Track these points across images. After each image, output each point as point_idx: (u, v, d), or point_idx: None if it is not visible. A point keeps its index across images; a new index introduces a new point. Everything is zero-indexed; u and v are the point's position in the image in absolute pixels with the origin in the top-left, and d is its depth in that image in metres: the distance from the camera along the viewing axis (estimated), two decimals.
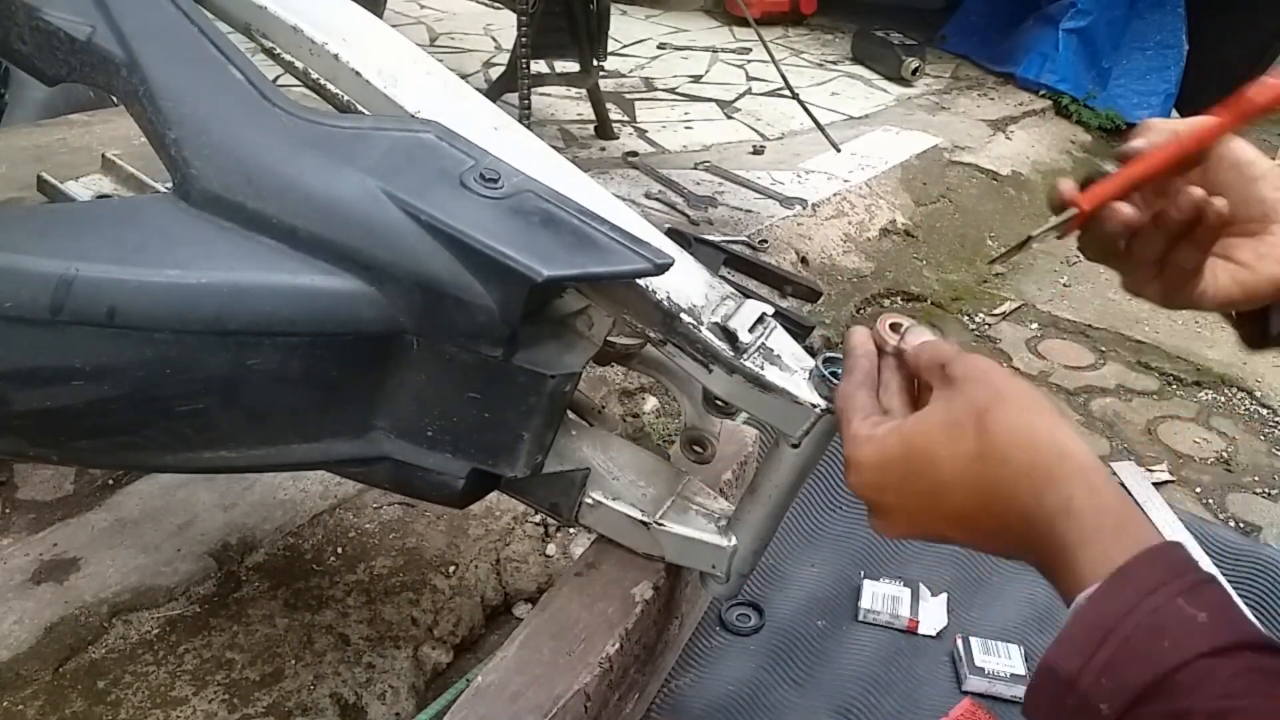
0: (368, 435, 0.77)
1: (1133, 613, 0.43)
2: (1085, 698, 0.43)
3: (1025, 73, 4.12)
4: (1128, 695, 0.42)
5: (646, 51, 4.28)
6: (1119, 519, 0.48)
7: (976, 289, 2.62)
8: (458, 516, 1.34)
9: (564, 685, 0.78)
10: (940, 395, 0.56)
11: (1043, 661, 0.46)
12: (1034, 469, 0.50)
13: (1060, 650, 0.45)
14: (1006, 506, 0.51)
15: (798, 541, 1.28)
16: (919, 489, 0.55)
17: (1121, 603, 0.44)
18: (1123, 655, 0.43)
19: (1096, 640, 0.43)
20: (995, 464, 0.52)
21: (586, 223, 0.72)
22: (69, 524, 1.24)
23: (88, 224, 0.72)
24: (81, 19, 0.79)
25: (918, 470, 0.55)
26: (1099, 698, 0.42)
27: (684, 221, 2.43)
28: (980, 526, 0.54)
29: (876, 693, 1.05)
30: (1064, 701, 0.44)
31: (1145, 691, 0.41)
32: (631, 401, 1.72)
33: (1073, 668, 0.44)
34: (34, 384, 0.68)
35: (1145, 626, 0.43)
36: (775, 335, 0.79)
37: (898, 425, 0.57)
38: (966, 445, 0.53)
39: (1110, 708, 0.42)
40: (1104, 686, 0.42)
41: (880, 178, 2.93)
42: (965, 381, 0.55)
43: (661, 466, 0.91)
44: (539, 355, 0.74)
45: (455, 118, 0.80)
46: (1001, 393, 0.53)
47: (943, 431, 0.54)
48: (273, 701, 1.04)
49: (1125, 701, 0.42)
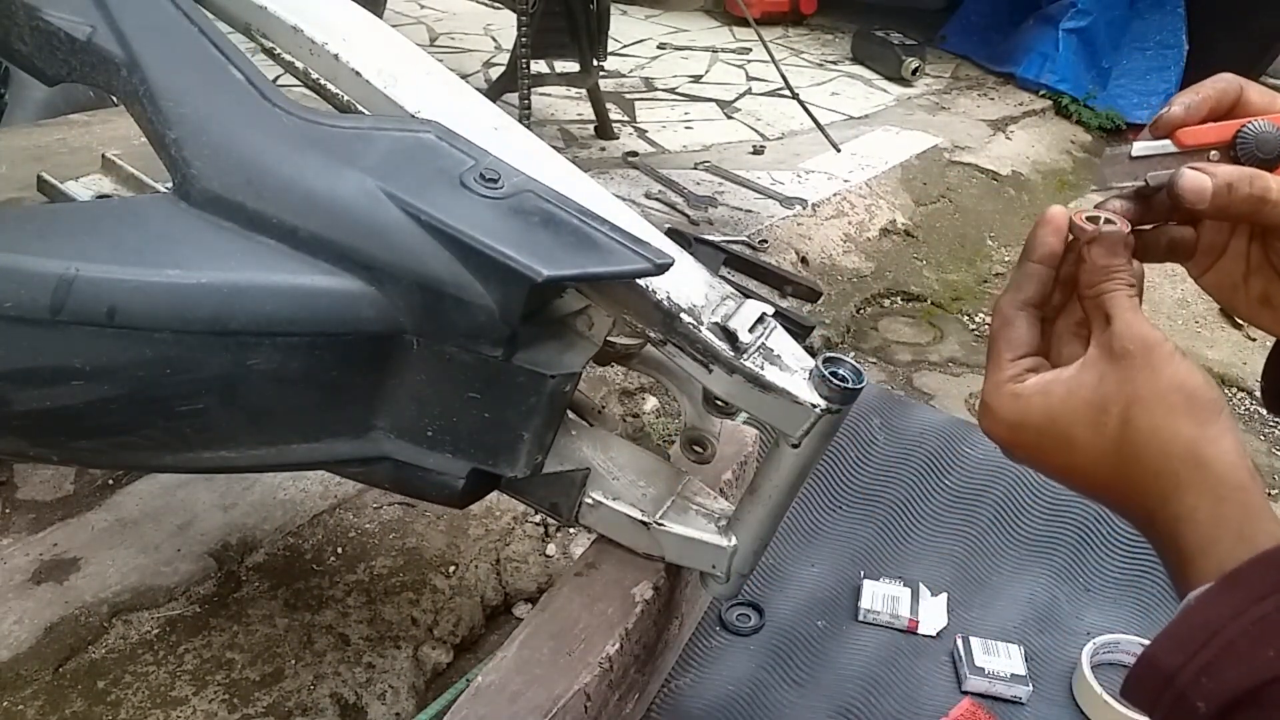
0: (368, 435, 0.77)
1: (1239, 617, 0.43)
2: (1183, 694, 0.43)
3: (1025, 73, 4.12)
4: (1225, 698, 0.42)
5: (646, 51, 4.28)
6: (1240, 532, 0.48)
7: (977, 289, 2.62)
8: (458, 516, 1.34)
9: (564, 685, 0.78)
10: (1096, 362, 0.54)
11: (1145, 652, 0.46)
12: (1164, 474, 0.50)
13: (1163, 644, 0.45)
14: (1133, 502, 0.52)
15: (798, 541, 1.28)
16: (1051, 462, 0.55)
17: (1229, 606, 0.44)
18: (1224, 658, 0.42)
19: (1200, 640, 0.43)
20: (1128, 460, 0.51)
21: (586, 223, 0.72)
22: (69, 524, 1.24)
23: (88, 224, 0.72)
24: (81, 19, 0.79)
25: (1053, 445, 0.54)
26: (1197, 696, 0.42)
27: (684, 221, 2.43)
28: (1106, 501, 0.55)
29: (876, 693, 1.05)
30: (1161, 695, 0.44)
31: (1242, 697, 0.41)
32: (631, 401, 1.72)
33: (1174, 663, 0.44)
34: (34, 384, 0.68)
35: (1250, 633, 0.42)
36: (775, 335, 0.79)
37: (1045, 387, 0.55)
38: (1107, 434, 0.52)
39: (1207, 708, 0.42)
40: (1203, 686, 0.42)
41: (880, 178, 2.93)
42: (1124, 356, 0.52)
43: (661, 466, 0.91)
44: (539, 355, 0.74)
45: (455, 118, 0.80)
46: (1158, 382, 0.51)
47: (1088, 412, 0.53)
48: (273, 701, 1.04)
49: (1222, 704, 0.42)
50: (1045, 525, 1.29)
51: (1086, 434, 0.53)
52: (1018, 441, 0.56)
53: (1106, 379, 0.53)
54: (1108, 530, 1.27)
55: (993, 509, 1.31)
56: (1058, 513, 1.29)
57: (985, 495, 1.32)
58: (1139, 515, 0.52)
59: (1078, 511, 1.29)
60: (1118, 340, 0.53)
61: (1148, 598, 1.22)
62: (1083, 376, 0.54)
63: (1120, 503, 0.53)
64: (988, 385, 0.57)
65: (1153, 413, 0.51)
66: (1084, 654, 1.09)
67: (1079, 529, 1.28)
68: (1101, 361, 0.53)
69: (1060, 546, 1.27)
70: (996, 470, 1.33)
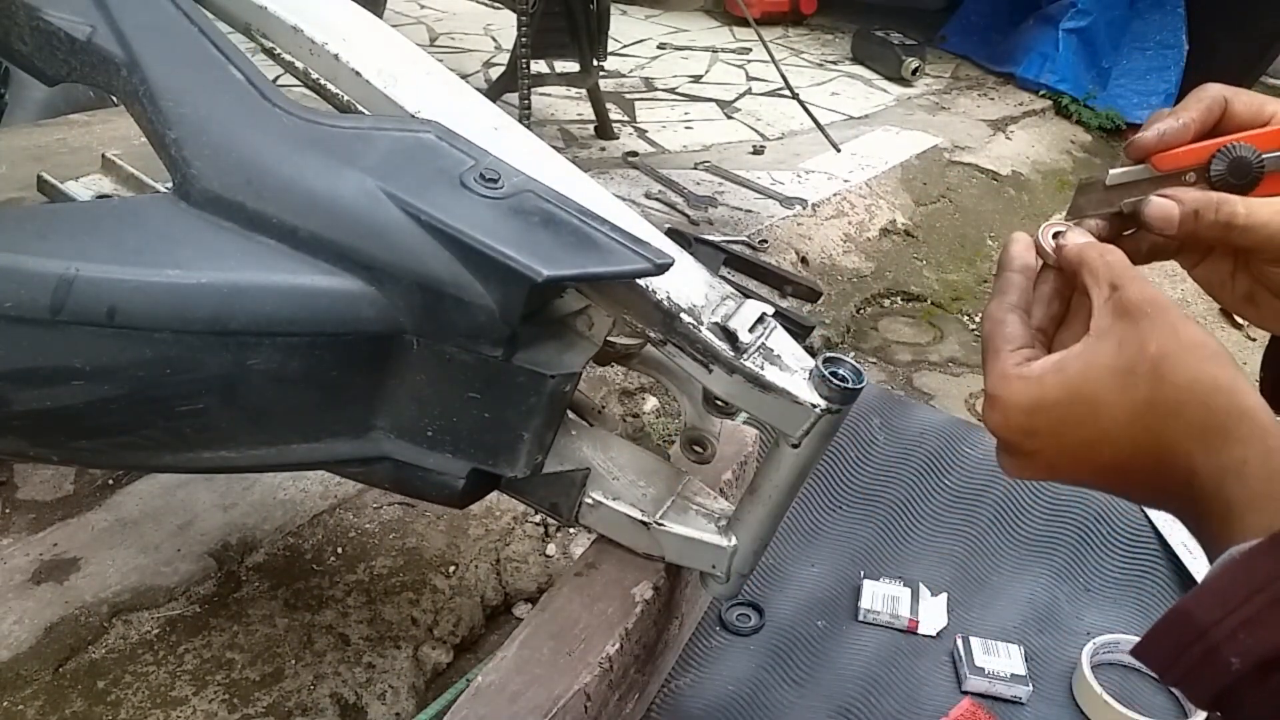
0: (368, 435, 0.77)
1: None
2: (1216, 648, 0.42)
3: (1025, 73, 4.12)
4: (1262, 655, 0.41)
5: (646, 51, 4.28)
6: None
7: (976, 289, 2.62)
8: (458, 516, 1.34)
9: (564, 685, 0.78)
10: (1109, 328, 0.51)
11: (1177, 605, 0.44)
12: (1208, 428, 0.47)
13: (1200, 598, 0.43)
14: (1171, 461, 0.49)
15: (798, 541, 1.28)
16: (1076, 438, 0.51)
17: (1276, 564, 0.42)
18: (1267, 616, 0.41)
19: (1242, 596, 0.42)
20: (1167, 416, 0.48)
21: (586, 223, 0.72)
22: (69, 524, 1.24)
23: (88, 224, 0.72)
24: (81, 19, 0.79)
25: (1078, 418, 0.50)
26: (1231, 651, 0.41)
27: (684, 221, 2.43)
28: (1133, 478, 0.51)
29: (876, 693, 1.05)
30: (1191, 647, 0.43)
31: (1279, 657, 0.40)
32: (631, 401, 1.72)
33: (1210, 617, 0.42)
34: (34, 384, 0.68)
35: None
36: (775, 335, 0.79)
37: (1057, 364, 0.52)
38: (1138, 394, 0.49)
39: (1242, 664, 0.41)
40: (1239, 641, 0.41)
41: (880, 178, 2.93)
42: (1140, 316, 0.50)
43: (661, 466, 0.91)
44: (539, 355, 0.74)
45: (455, 118, 0.80)
46: (1180, 336, 0.49)
47: (1113, 377, 0.50)
48: (273, 701, 1.04)
49: (1259, 660, 0.41)
50: (1045, 525, 1.29)
51: (1115, 398, 0.49)
52: (1035, 426, 0.52)
53: (1126, 341, 0.50)
54: (1108, 530, 1.27)
55: (993, 509, 1.31)
56: (1058, 513, 1.29)
57: (985, 495, 1.32)
58: (1177, 475, 0.49)
59: (1078, 511, 1.29)
60: (1130, 300, 0.51)
61: (1148, 598, 1.22)
62: (1098, 345, 0.51)
63: (1153, 467, 0.50)
64: (992, 378, 0.54)
65: (1187, 364, 0.49)
66: (1084, 654, 1.09)
67: (1079, 529, 1.28)
68: (1117, 325, 0.51)
69: (1060, 546, 1.27)
70: (996, 470, 1.32)
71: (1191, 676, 0.43)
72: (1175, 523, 1.29)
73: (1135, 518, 1.28)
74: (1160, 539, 1.26)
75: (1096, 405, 0.50)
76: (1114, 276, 0.53)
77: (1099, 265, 0.54)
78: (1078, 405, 0.51)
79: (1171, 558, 1.24)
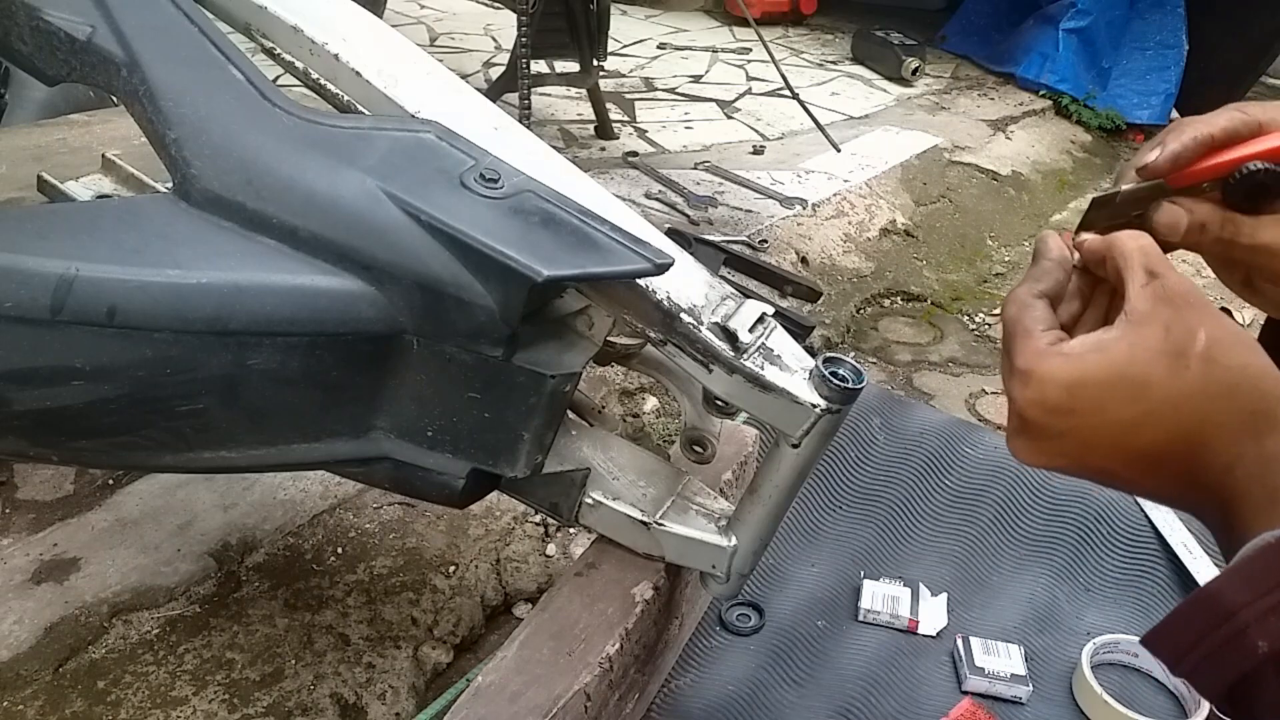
0: (368, 435, 0.77)
1: None
2: (1244, 631, 0.42)
3: (1025, 73, 4.12)
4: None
5: (646, 51, 4.28)
6: None
7: (977, 289, 2.62)
8: (458, 516, 1.34)
9: (564, 685, 0.78)
10: (1151, 313, 0.50)
11: (1204, 588, 0.44)
12: (1259, 412, 0.47)
13: (1230, 581, 0.43)
14: (1214, 447, 0.48)
15: (798, 541, 1.28)
16: (1118, 418, 0.50)
17: None
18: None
19: (1275, 580, 0.42)
20: (1218, 398, 0.48)
21: (586, 223, 0.72)
22: (69, 524, 1.24)
23: (88, 224, 0.72)
24: (81, 19, 0.79)
25: (1125, 397, 0.49)
26: (1260, 634, 0.41)
27: (684, 221, 2.43)
28: (1166, 465, 0.50)
29: (876, 693, 1.05)
30: (1217, 628, 0.43)
31: None
32: (631, 401, 1.72)
33: (1239, 599, 0.42)
34: (34, 384, 0.68)
35: None
36: (775, 335, 0.79)
37: (1097, 344, 0.50)
38: (1189, 377, 0.48)
39: (1270, 648, 0.41)
40: (1269, 625, 0.41)
41: (880, 178, 2.93)
42: (1184, 304, 0.50)
43: (661, 466, 0.91)
44: (539, 355, 0.74)
45: (455, 118, 0.80)
46: (1225, 325, 0.49)
47: (1163, 358, 0.49)
48: (273, 701, 1.04)
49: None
50: (1045, 525, 1.29)
51: (1165, 379, 0.49)
52: (1075, 404, 0.50)
53: (1174, 325, 0.49)
54: (1108, 530, 1.27)
55: (993, 509, 1.31)
56: (1058, 513, 1.29)
57: (985, 495, 1.32)
58: (1217, 462, 0.48)
59: (1078, 511, 1.29)
60: (1173, 288, 0.50)
61: (1148, 598, 1.22)
62: (1142, 329, 0.50)
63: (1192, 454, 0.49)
64: (1025, 354, 0.52)
65: (1239, 351, 0.49)
66: (1084, 654, 1.09)
67: (1079, 529, 1.28)
68: (1161, 310, 0.50)
69: (1060, 546, 1.27)
70: (996, 470, 1.33)
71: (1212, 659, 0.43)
72: (1175, 522, 1.29)
73: (1135, 518, 1.28)
74: (1160, 539, 1.26)
75: (1146, 385, 0.49)
76: (1150, 264, 0.52)
77: (1133, 251, 0.53)
78: (1124, 385, 0.49)
79: (1171, 558, 1.24)
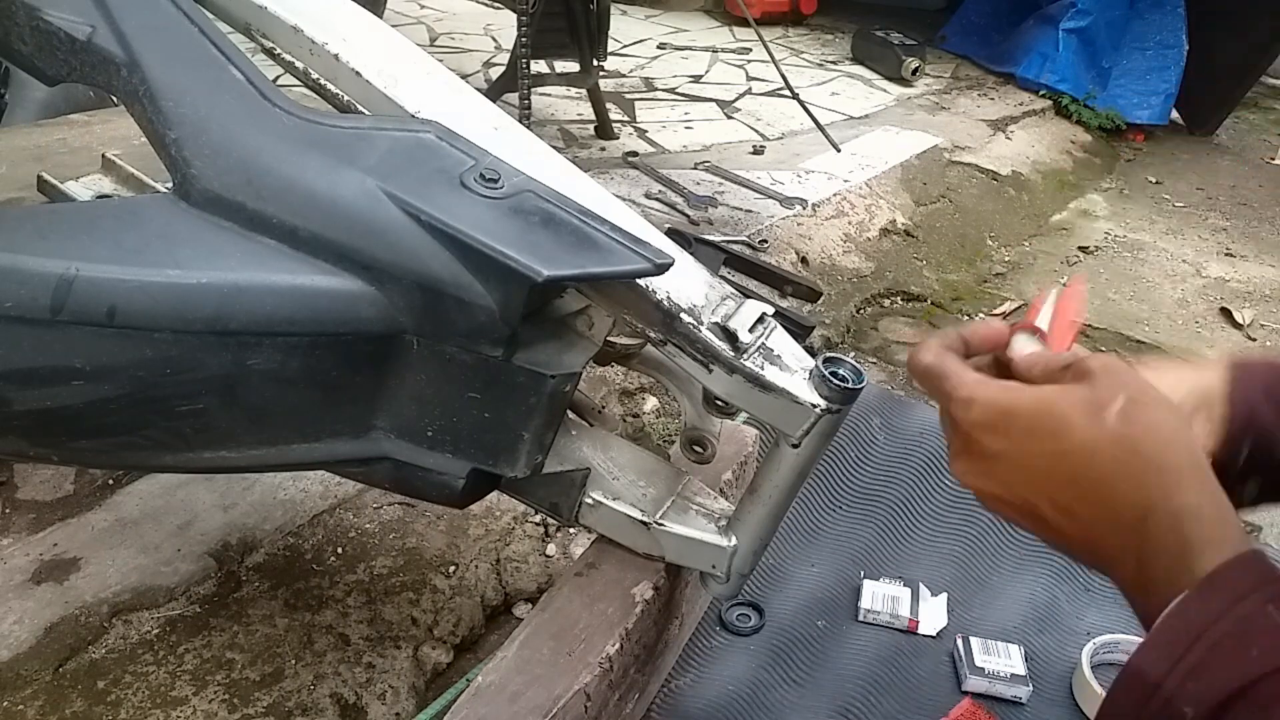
0: (368, 435, 0.77)
1: (1222, 618, 0.43)
2: (1170, 701, 0.43)
3: (1025, 73, 4.13)
4: (1213, 700, 0.42)
5: (646, 51, 4.28)
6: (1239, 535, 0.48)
7: (976, 289, 2.62)
8: (458, 516, 1.34)
9: (564, 685, 0.78)
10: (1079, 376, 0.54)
11: (1128, 665, 0.45)
12: (1166, 469, 0.50)
13: (1147, 654, 0.45)
14: (1129, 497, 0.50)
15: (798, 541, 1.28)
16: (1041, 449, 0.53)
17: (1212, 608, 0.44)
18: (1210, 660, 0.42)
19: (1185, 644, 0.43)
20: (1130, 452, 0.50)
21: (586, 223, 0.72)
22: (69, 524, 1.24)
23: (88, 224, 0.72)
24: (81, 19, 0.79)
25: (1049, 431, 0.52)
26: (1184, 701, 0.42)
27: (684, 221, 2.43)
28: (1082, 512, 0.52)
29: (876, 693, 1.05)
30: (1148, 704, 0.44)
31: (1230, 698, 0.41)
32: (631, 401, 1.72)
33: (1159, 671, 0.43)
34: (34, 384, 0.68)
35: (1234, 633, 0.42)
36: (775, 335, 0.79)
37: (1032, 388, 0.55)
38: (1107, 428, 0.51)
39: (1195, 712, 0.42)
40: (1189, 690, 0.42)
41: (880, 178, 2.93)
42: (1106, 374, 0.53)
43: (661, 466, 0.91)
44: (539, 355, 0.74)
45: (455, 118, 0.80)
46: (1146, 390, 0.52)
47: (1085, 407, 0.52)
48: (273, 701, 1.04)
49: (1210, 707, 0.42)
50: None
51: (1085, 423, 0.51)
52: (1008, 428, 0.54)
53: (1099, 384, 0.52)
54: None
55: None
56: None
57: None
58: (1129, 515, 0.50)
59: None
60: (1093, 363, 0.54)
61: None
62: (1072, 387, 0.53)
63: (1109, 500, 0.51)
64: (966, 384, 0.56)
65: (1153, 410, 0.51)
66: (1084, 654, 1.09)
67: None
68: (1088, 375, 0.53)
69: None
70: None
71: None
72: None
73: None
74: None
75: (1069, 426, 0.52)
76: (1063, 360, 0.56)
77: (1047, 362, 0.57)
78: (1050, 420, 0.52)
79: None
